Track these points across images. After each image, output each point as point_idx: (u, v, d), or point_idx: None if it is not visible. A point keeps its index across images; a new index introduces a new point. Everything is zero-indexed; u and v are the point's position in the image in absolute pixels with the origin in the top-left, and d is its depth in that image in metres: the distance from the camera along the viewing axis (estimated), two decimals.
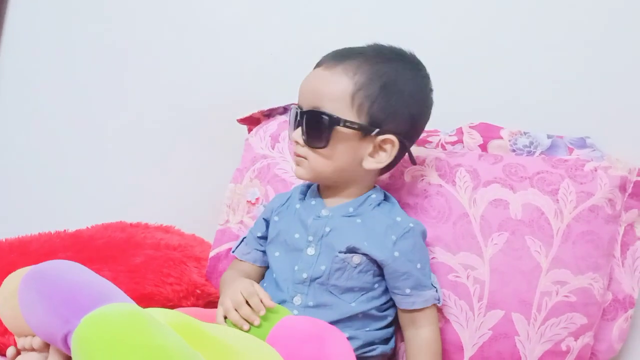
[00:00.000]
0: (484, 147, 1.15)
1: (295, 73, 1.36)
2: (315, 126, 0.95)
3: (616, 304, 1.06)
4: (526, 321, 1.01)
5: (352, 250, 0.96)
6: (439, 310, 1.03)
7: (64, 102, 1.56)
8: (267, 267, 1.06)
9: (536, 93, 1.22)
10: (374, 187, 1.03)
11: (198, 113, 1.48)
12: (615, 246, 1.06)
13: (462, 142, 1.16)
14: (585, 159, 1.09)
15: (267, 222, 1.07)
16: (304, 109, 0.97)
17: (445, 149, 1.17)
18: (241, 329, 0.87)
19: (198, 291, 1.13)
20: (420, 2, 1.31)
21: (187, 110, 1.48)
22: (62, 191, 1.54)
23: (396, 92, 0.97)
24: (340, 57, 0.98)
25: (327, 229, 0.98)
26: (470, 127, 1.17)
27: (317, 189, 1.04)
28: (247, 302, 0.89)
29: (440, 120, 1.12)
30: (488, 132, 1.15)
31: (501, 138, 1.14)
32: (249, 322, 0.88)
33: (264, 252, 1.06)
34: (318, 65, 1.01)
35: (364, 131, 0.96)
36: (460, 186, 1.09)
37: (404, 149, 1.00)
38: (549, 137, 1.13)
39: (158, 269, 1.08)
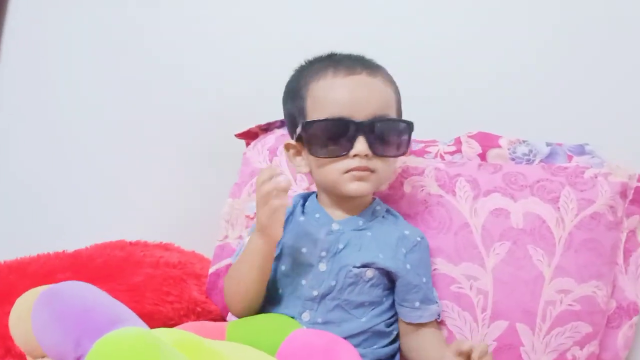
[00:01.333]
0: (483, 157, 1.15)
1: None
2: (396, 133, 0.96)
3: (620, 311, 1.05)
4: (531, 331, 1.00)
5: (366, 266, 0.96)
6: (442, 322, 1.02)
7: (60, 120, 1.56)
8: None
9: (534, 101, 1.22)
10: (374, 198, 1.04)
11: (195, 128, 1.47)
12: (618, 253, 1.06)
13: (461, 152, 1.16)
14: (585, 165, 1.09)
15: None
16: (372, 118, 0.94)
17: (444, 159, 1.16)
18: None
19: (199, 309, 1.12)
20: (416, 10, 1.31)
21: (183, 125, 1.48)
22: (60, 211, 1.54)
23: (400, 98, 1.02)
24: (369, 65, 0.99)
25: (341, 246, 0.97)
26: (468, 136, 1.16)
27: (316, 200, 1.03)
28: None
29: (438, 130, 1.12)
30: (486, 141, 1.15)
31: (500, 147, 1.14)
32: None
33: None
34: (351, 73, 0.96)
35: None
36: (461, 196, 1.08)
37: None
38: (547, 144, 1.13)
39: (158, 287, 1.07)
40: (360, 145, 0.93)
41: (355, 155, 0.93)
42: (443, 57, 1.26)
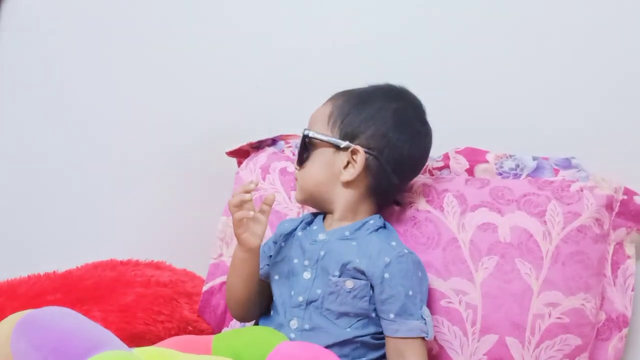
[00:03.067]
0: (470, 172, 1.16)
1: (280, 104, 1.38)
2: (301, 146, 1.05)
3: (610, 323, 1.06)
4: (520, 345, 1.01)
5: (345, 271, 0.97)
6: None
7: (52, 139, 1.56)
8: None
9: (520, 115, 1.23)
10: (375, 214, 1.05)
11: (187, 146, 1.48)
12: (606, 265, 1.06)
13: (449, 167, 1.17)
14: (571, 179, 1.09)
15: (275, 245, 1.09)
16: None
17: (432, 175, 1.17)
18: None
19: (190, 328, 1.12)
20: (405, 27, 1.33)
21: (176, 144, 1.48)
22: (50, 230, 1.54)
23: (365, 109, 1.04)
24: (338, 94, 1.09)
25: (322, 253, 1.00)
26: (456, 151, 1.17)
27: (323, 218, 1.07)
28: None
29: None
30: (474, 156, 1.16)
31: (487, 162, 1.15)
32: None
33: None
34: None
35: (334, 143, 1.03)
36: (449, 211, 1.09)
37: (379, 166, 1.02)
38: (534, 159, 1.14)
39: (148, 307, 1.08)
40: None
41: None
42: (430, 73, 1.27)
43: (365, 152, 1.01)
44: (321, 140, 1.03)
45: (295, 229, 1.07)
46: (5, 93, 1.60)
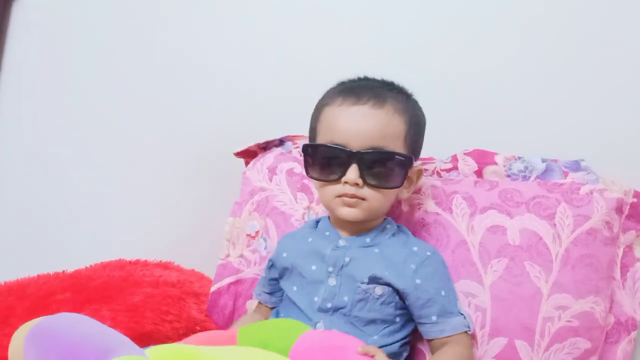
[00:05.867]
0: (479, 174, 1.15)
1: (288, 105, 1.38)
2: (389, 166, 0.96)
3: (619, 326, 1.05)
4: (530, 348, 1.00)
5: (374, 281, 0.96)
6: None
7: (61, 141, 1.57)
8: (275, 307, 1.08)
9: (529, 117, 1.23)
10: (386, 218, 1.05)
11: (195, 147, 1.48)
12: (615, 268, 1.06)
13: (457, 169, 1.17)
14: (581, 182, 1.09)
15: (273, 263, 1.08)
16: (364, 149, 0.95)
17: (441, 176, 1.17)
18: None
19: (198, 327, 1.13)
20: (414, 28, 1.33)
21: (183, 144, 1.49)
22: (60, 230, 1.54)
23: (421, 126, 1.04)
24: (379, 94, 0.98)
25: (347, 259, 0.99)
26: (464, 153, 1.17)
27: (329, 220, 1.06)
28: None
29: (435, 148, 1.13)
30: (482, 158, 1.16)
31: (496, 164, 1.15)
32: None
33: (270, 294, 1.09)
34: (356, 102, 0.97)
35: (415, 167, 1.02)
36: (457, 213, 1.09)
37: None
38: (543, 161, 1.14)
39: (157, 307, 1.08)
40: (351, 173, 0.95)
41: (346, 182, 0.96)
42: (438, 76, 1.27)
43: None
44: (411, 165, 0.99)
45: (300, 237, 1.05)
46: (16, 92, 1.60)
